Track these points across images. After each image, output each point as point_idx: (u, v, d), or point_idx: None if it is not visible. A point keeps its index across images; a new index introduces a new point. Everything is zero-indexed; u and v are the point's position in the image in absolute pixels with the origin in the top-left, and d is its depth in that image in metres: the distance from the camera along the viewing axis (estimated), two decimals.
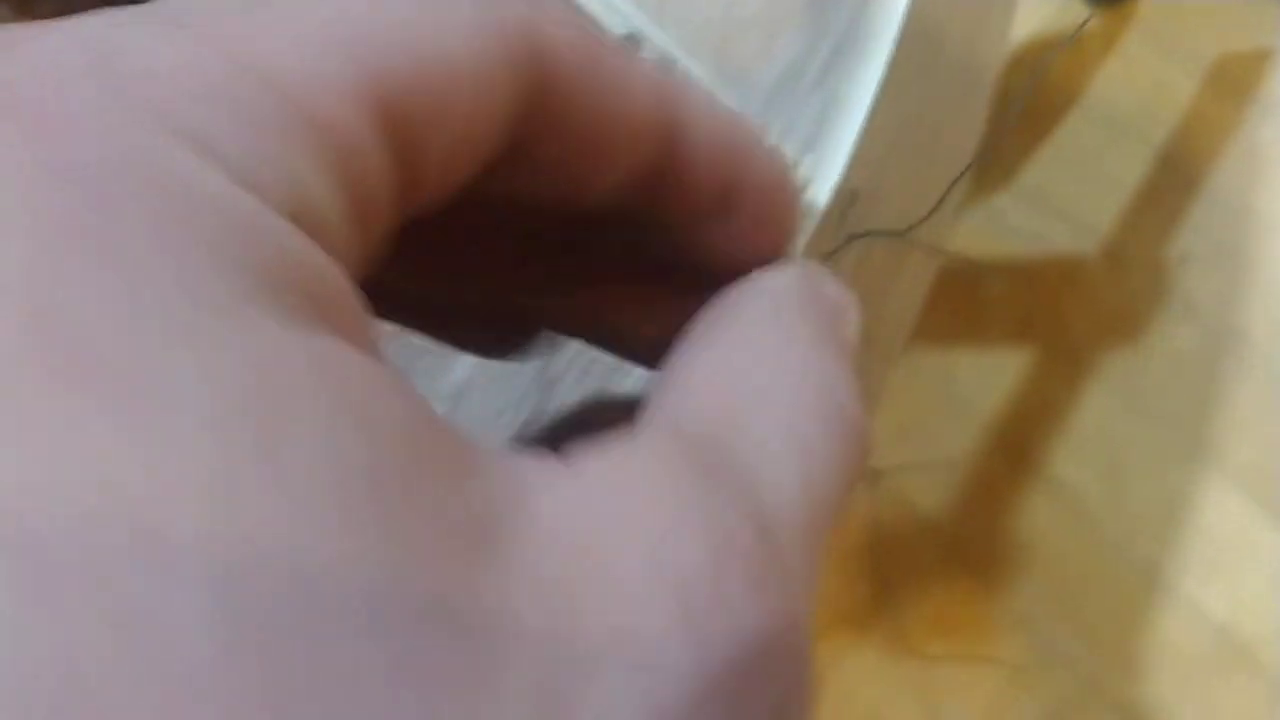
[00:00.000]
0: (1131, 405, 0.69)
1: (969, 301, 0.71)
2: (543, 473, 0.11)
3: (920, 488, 0.67)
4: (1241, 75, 0.77)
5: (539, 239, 0.18)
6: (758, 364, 0.14)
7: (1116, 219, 0.73)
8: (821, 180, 0.35)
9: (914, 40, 0.37)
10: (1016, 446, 0.69)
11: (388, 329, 0.22)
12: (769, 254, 0.17)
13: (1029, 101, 0.65)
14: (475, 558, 0.10)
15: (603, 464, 0.12)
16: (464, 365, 0.49)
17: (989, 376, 0.69)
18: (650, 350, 0.17)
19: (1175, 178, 0.74)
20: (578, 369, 0.47)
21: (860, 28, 0.38)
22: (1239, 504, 0.64)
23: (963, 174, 0.41)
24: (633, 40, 0.37)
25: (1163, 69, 0.78)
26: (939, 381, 0.69)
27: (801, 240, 0.34)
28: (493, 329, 0.20)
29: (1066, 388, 0.70)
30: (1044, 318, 0.70)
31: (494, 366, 0.48)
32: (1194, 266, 0.71)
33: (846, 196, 0.34)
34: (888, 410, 0.61)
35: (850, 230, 0.35)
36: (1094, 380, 0.70)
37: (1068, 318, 0.73)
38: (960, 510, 0.66)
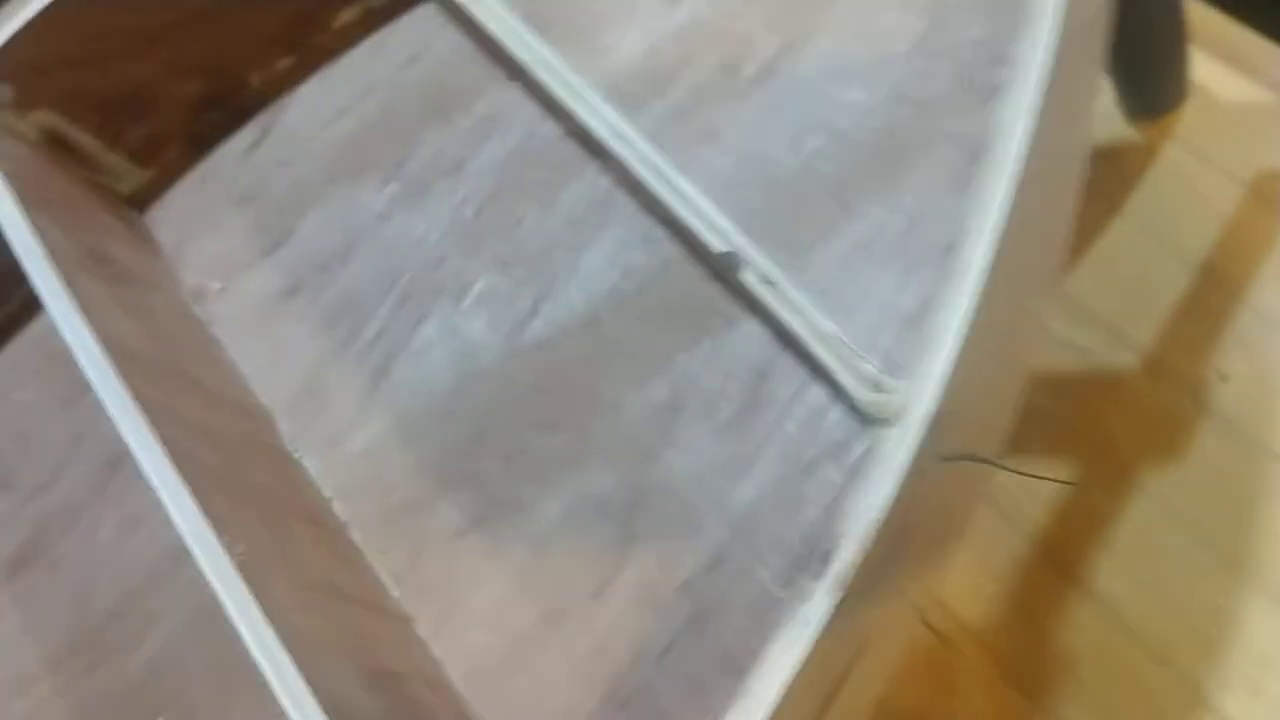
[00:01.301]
0: (1172, 519, 0.72)
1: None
2: None
3: (964, 598, 0.70)
4: None
5: None
6: None
7: (1157, 331, 0.76)
8: (915, 407, 0.38)
9: (1001, 266, 0.40)
10: (1059, 558, 0.73)
11: None
12: None
13: None
14: None
15: None
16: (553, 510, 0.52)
17: (1031, 486, 0.73)
18: None
19: (1216, 291, 0.78)
20: (658, 528, 0.51)
21: (954, 258, 0.41)
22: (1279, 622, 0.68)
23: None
24: (731, 259, 0.41)
25: (1204, 181, 0.81)
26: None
27: (897, 463, 0.37)
28: None
29: (1108, 499, 0.73)
30: (1085, 429, 0.73)
31: (573, 516, 0.51)
32: (1233, 383, 0.74)
33: (936, 421, 0.38)
34: None
35: (941, 452, 0.39)
36: (1135, 492, 0.73)
37: (1109, 430, 0.76)
38: (1003, 621, 0.69)
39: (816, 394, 0.51)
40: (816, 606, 0.36)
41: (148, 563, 0.59)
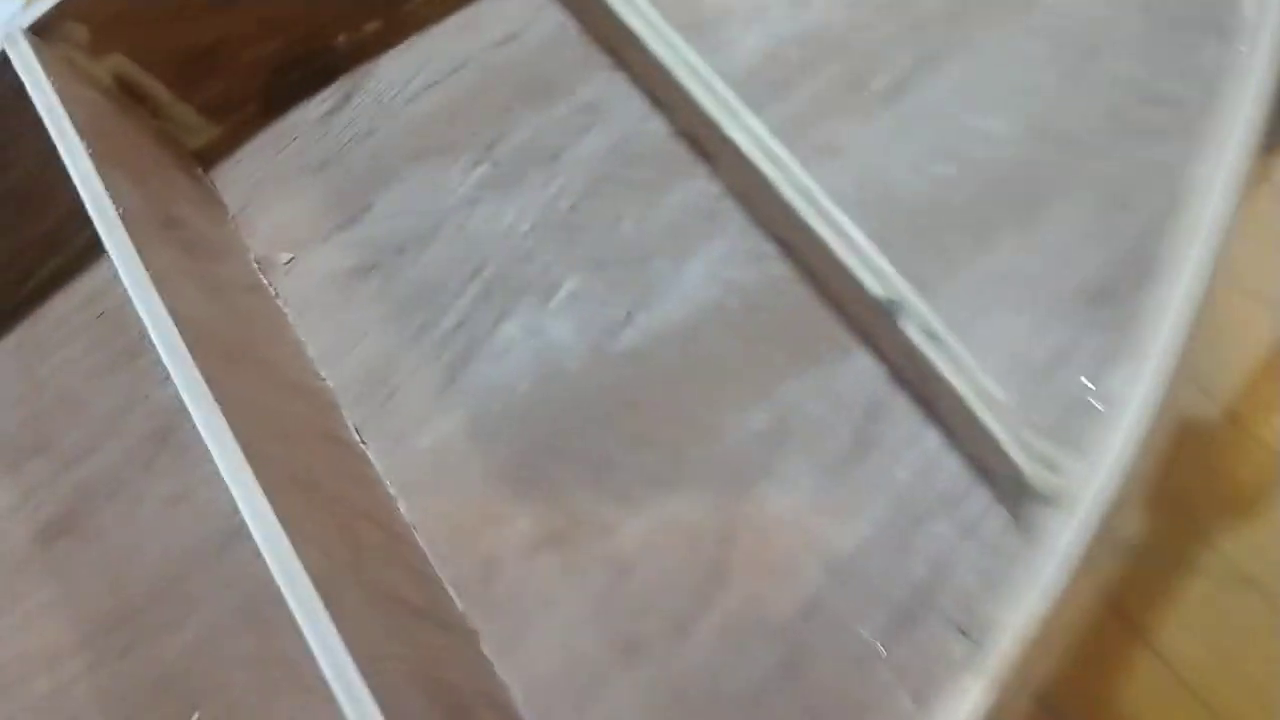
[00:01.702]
0: (1244, 581, 0.70)
1: None
2: None
3: None
4: None
5: None
6: None
7: (1243, 388, 0.74)
8: (1089, 490, 0.35)
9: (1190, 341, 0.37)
10: (1125, 611, 0.70)
11: None
12: None
13: None
14: None
15: None
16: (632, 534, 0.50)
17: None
18: None
19: None
20: (750, 564, 0.48)
21: (1134, 329, 0.39)
22: None
23: None
24: (893, 307, 0.38)
25: None
26: None
27: (1066, 550, 0.34)
28: None
29: (1180, 556, 0.71)
30: (1162, 483, 0.71)
31: (659, 542, 0.48)
32: None
33: (1110, 508, 0.35)
34: None
35: (1107, 539, 0.36)
36: (1208, 551, 0.71)
37: (1186, 485, 0.74)
38: (1064, 671, 0.67)
39: (931, 440, 0.48)
40: (974, 699, 0.34)
41: (190, 545, 0.56)
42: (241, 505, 0.43)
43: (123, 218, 0.50)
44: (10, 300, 0.63)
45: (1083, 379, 0.44)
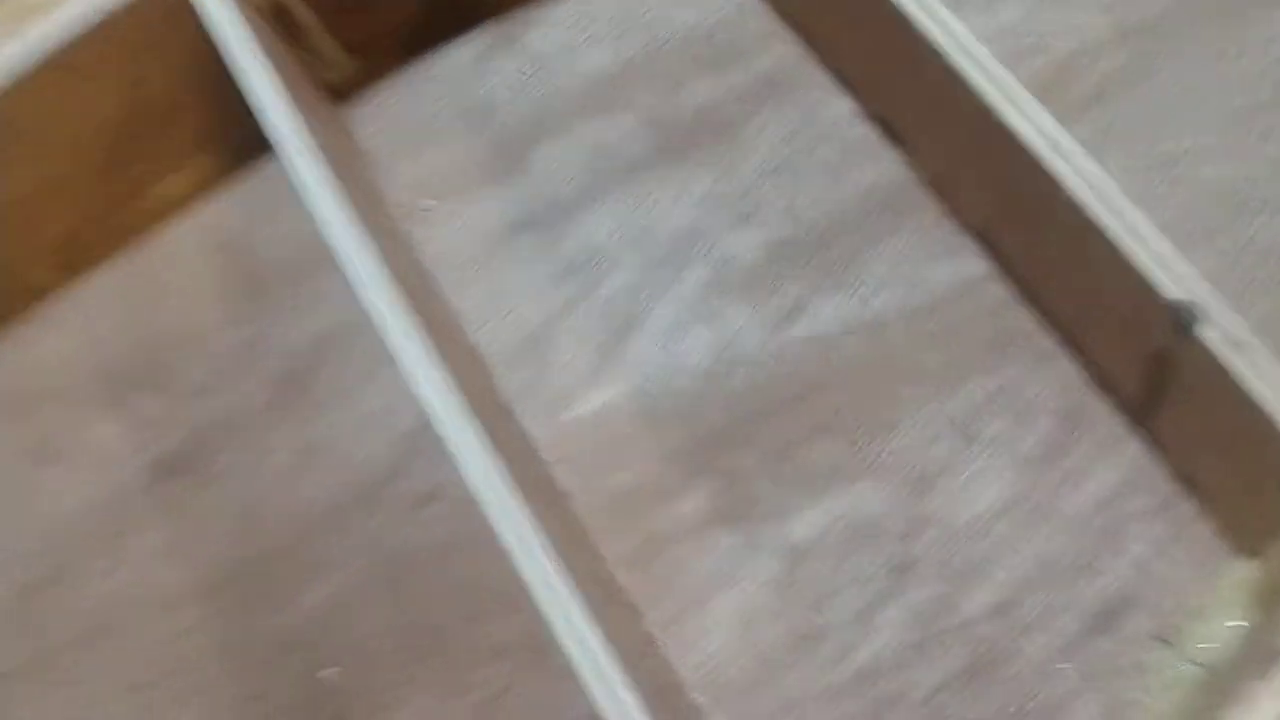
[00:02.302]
0: None
1: None
2: None
3: None
4: None
5: None
6: None
7: None
8: None
9: None
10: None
11: None
12: None
13: None
14: None
15: None
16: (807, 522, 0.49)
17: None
18: None
19: None
20: (935, 561, 0.48)
21: None
22: None
23: None
24: (1189, 311, 0.38)
25: None
26: None
27: None
28: None
29: None
30: None
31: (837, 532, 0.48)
32: None
33: None
34: None
35: None
36: None
37: None
38: None
39: (1135, 448, 0.48)
40: (1262, 714, 0.34)
41: (324, 501, 0.54)
42: (463, 461, 0.42)
43: (307, 144, 0.48)
44: (119, 218, 0.60)
45: None
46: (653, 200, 0.57)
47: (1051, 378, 0.50)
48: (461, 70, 0.61)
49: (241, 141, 0.60)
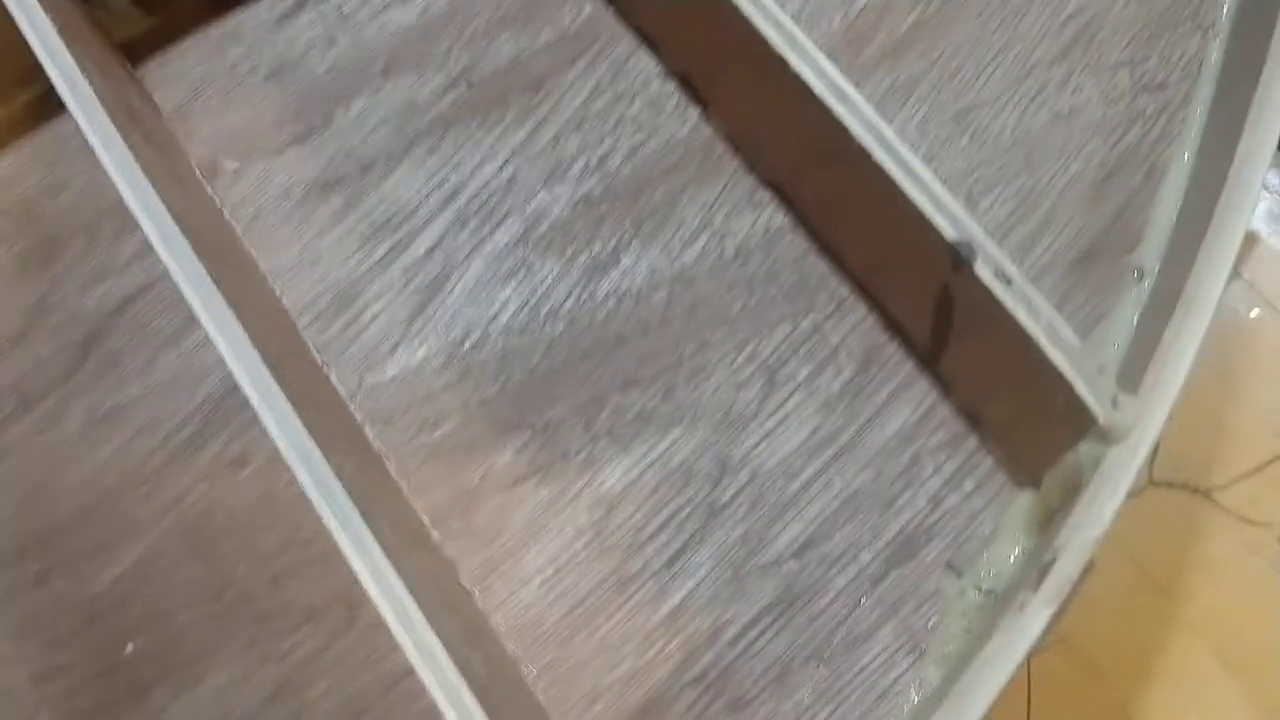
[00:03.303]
0: None
1: None
2: None
3: None
4: None
5: None
6: None
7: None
8: (1143, 428, 0.39)
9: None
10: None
11: None
12: None
13: None
14: None
15: None
16: (616, 473, 0.51)
17: None
18: None
19: None
20: (746, 503, 0.50)
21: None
22: None
23: None
24: (964, 249, 0.40)
25: None
26: None
27: (1124, 484, 0.38)
28: None
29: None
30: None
31: (649, 480, 0.50)
32: None
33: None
34: None
35: (1155, 477, 0.40)
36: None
37: None
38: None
39: (924, 389, 0.51)
40: (1033, 619, 0.37)
41: (126, 469, 0.53)
42: (265, 414, 0.41)
43: (102, 103, 0.47)
44: None
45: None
46: (462, 157, 0.58)
47: (851, 323, 0.53)
48: (263, 28, 0.61)
49: (31, 100, 0.58)
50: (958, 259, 0.42)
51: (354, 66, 0.60)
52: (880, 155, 0.43)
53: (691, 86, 0.57)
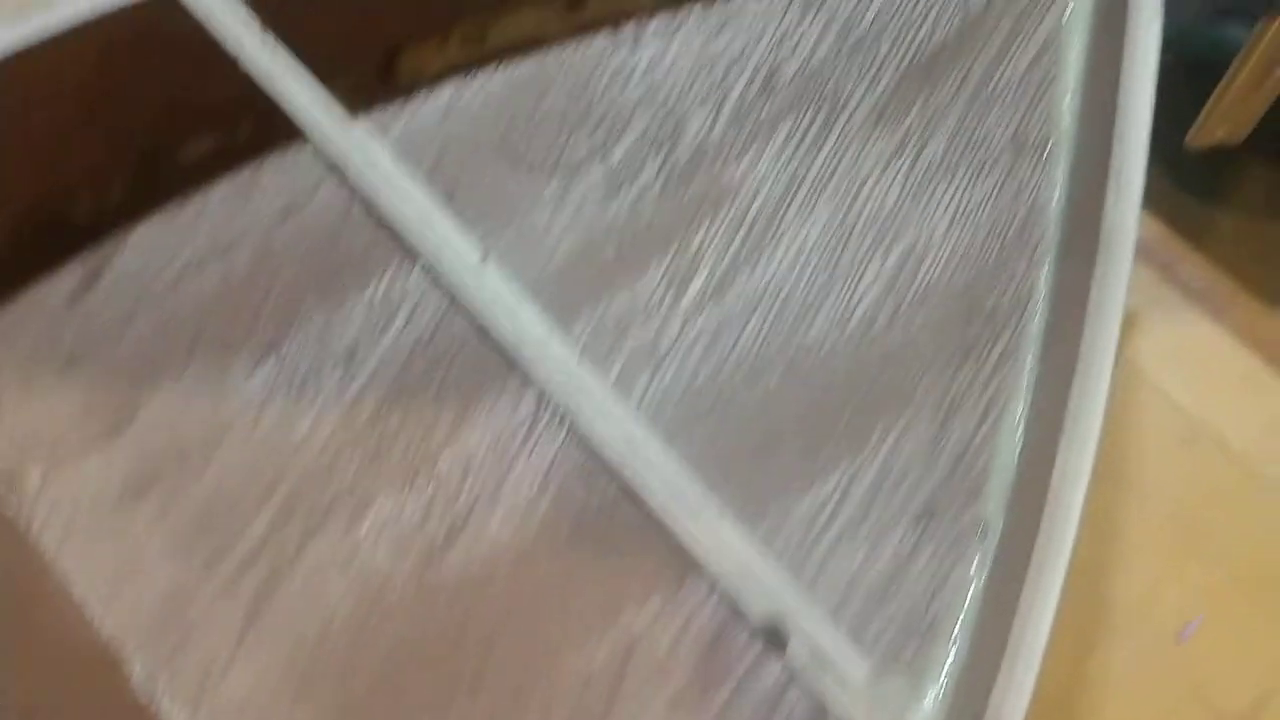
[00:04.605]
0: None
1: None
2: None
3: None
4: None
5: None
6: None
7: None
8: None
9: None
10: None
11: None
12: None
13: None
14: None
15: None
16: None
17: None
18: None
19: None
20: None
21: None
22: None
23: None
24: (775, 626, 0.39)
25: None
26: None
27: None
28: None
29: None
30: None
31: None
32: None
33: None
34: None
35: None
36: None
37: None
38: None
39: (772, 670, 0.50)
40: None
41: None
42: None
43: None
44: None
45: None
46: (280, 441, 0.55)
47: (694, 598, 0.52)
48: (56, 309, 0.57)
49: None
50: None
51: (157, 344, 0.57)
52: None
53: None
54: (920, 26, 0.54)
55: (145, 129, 0.56)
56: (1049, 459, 0.48)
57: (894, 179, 0.54)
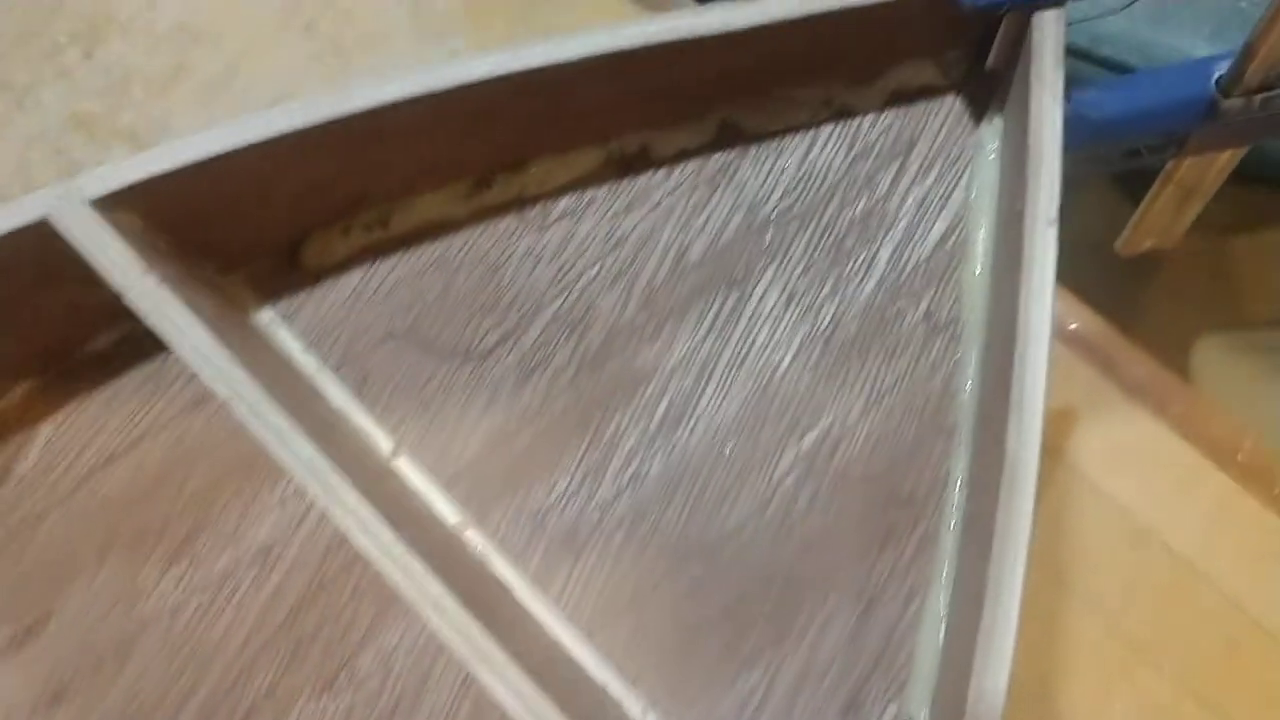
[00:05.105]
0: None
1: None
2: None
3: None
4: None
5: None
6: None
7: None
8: None
9: None
10: None
11: None
12: None
13: None
14: None
15: None
16: None
17: None
18: None
19: None
20: None
21: None
22: None
23: None
24: None
25: None
26: None
27: None
28: None
29: None
30: None
31: None
32: None
33: None
34: None
35: None
36: None
37: None
38: None
39: None
40: None
41: None
42: None
43: None
44: None
45: None
46: (197, 644, 0.54)
47: None
48: None
49: None
50: None
51: (67, 544, 0.56)
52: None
53: None
54: (827, 205, 0.54)
55: (49, 328, 0.55)
56: (970, 649, 0.48)
57: (808, 359, 0.54)
